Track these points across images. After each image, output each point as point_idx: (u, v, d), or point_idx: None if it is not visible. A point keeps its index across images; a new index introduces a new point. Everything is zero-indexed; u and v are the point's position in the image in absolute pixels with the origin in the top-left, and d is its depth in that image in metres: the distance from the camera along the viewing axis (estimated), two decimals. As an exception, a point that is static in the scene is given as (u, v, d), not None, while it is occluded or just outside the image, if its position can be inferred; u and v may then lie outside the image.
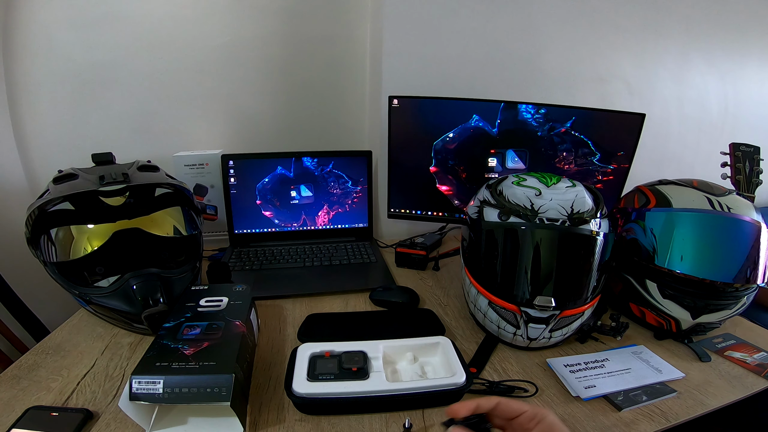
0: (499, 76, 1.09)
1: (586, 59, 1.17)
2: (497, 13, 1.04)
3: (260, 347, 0.66)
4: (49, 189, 0.67)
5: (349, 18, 1.09)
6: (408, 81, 1.02)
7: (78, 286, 0.65)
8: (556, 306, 0.61)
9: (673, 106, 1.33)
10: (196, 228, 0.76)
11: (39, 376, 0.58)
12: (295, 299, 0.81)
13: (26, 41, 0.93)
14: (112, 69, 0.99)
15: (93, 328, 0.70)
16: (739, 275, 0.64)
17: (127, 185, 0.67)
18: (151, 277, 0.64)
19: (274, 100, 1.12)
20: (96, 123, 1.02)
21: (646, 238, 0.70)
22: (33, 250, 0.66)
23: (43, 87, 0.97)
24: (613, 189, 0.97)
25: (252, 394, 0.55)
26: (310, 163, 1.04)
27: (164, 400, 0.45)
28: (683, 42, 1.27)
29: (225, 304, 0.62)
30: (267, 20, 1.05)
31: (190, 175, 1.01)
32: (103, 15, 0.95)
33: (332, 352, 0.57)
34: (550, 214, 0.62)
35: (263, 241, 1.05)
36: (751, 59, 1.39)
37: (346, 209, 1.08)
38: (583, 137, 0.94)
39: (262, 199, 1.03)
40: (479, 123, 0.95)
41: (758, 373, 0.63)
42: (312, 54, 1.10)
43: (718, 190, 0.69)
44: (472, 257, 0.71)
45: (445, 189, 1.01)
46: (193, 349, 0.50)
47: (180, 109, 1.07)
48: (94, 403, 0.53)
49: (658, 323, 0.70)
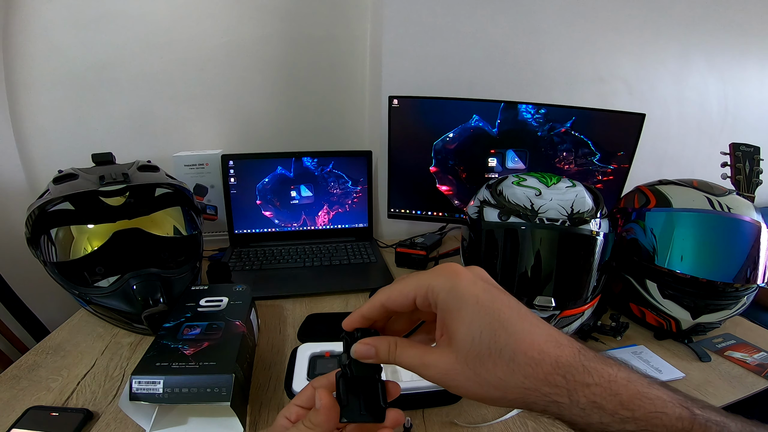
0: (499, 76, 1.09)
1: (586, 59, 1.17)
2: (497, 13, 1.04)
3: (260, 347, 0.66)
4: (49, 189, 0.67)
5: (349, 18, 1.09)
6: (408, 81, 1.02)
7: (78, 286, 0.65)
8: (556, 306, 0.61)
9: (673, 106, 1.33)
10: (196, 228, 0.76)
11: (39, 376, 0.58)
12: (295, 299, 0.81)
13: (26, 41, 0.93)
14: (112, 69, 0.99)
15: (93, 328, 0.70)
16: (739, 275, 0.64)
17: (127, 185, 0.67)
18: (151, 277, 0.64)
19: (274, 100, 1.12)
20: (96, 123, 1.02)
21: (646, 238, 0.70)
22: (33, 250, 0.66)
23: (43, 87, 0.97)
24: (613, 189, 0.97)
25: (252, 394, 0.55)
26: (310, 163, 1.04)
27: (164, 400, 0.45)
28: (683, 42, 1.27)
29: (225, 304, 0.62)
30: (267, 20, 1.05)
31: (190, 175, 1.01)
32: (103, 15, 0.95)
33: (332, 352, 0.57)
34: (550, 214, 0.62)
35: (263, 241, 1.05)
36: (751, 59, 1.39)
37: (346, 209, 1.08)
38: (583, 137, 0.94)
39: (262, 199, 1.03)
40: (479, 123, 0.95)
41: (758, 373, 0.63)
42: (312, 54, 1.10)
43: (718, 190, 0.69)
44: (472, 257, 0.71)
45: (445, 189, 1.01)
46: (193, 349, 0.50)
47: (180, 109, 1.07)
48: (94, 403, 0.53)
49: (658, 323, 0.70)
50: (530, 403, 0.25)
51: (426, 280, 0.27)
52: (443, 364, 0.26)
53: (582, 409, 0.24)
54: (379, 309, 0.29)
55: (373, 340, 0.29)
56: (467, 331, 0.25)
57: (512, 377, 0.24)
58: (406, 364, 0.28)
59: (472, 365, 0.25)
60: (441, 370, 0.26)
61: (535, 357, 0.24)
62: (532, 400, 0.24)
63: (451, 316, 0.26)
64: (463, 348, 0.25)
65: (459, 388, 0.26)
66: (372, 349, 0.28)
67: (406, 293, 0.28)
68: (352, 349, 0.29)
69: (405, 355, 0.28)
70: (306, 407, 0.30)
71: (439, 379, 0.27)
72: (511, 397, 0.25)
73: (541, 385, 0.24)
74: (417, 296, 0.28)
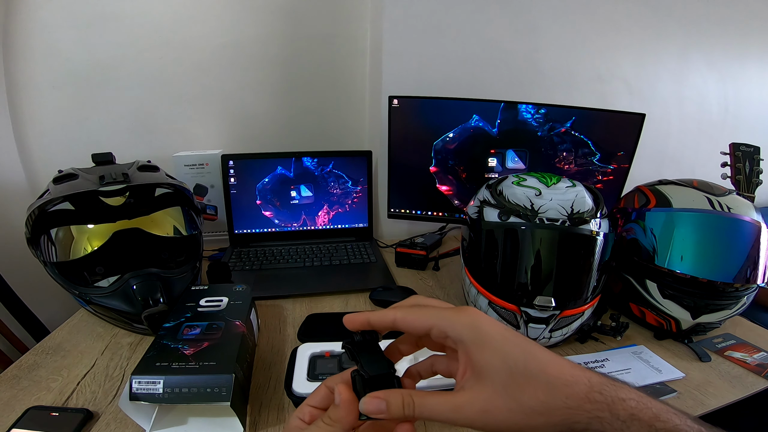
0: (499, 76, 1.09)
1: (586, 59, 1.17)
2: (497, 13, 1.04)
3: (260, 347, 0.66)
4: (49, 189, 0.67)
5: (349, 18, 1.09)
6: (408, 81, 1.02)
7: (78, 286, 0.65)
8: (556, 306, 0.61)
9: (673, 106, 1.33)
10: (196, 228, 0.76)
11: (39, 376, 0.58)
12: (295, 299, 0.81)
13: (26, 41, 0.93)
14: (112, 69, 0.99)
15: (93, 328, 0.70)
16: (739, 275, 0.64)
17: (127, 185, 0.67)
18: (151, 277, 0.64)
19: (274, 100, 1.12)
20: (96, 123, 1.02)
21: (646, 238, 0.70)
22: (33, 250, 0.66)
23: (43, 87, 0.97)
24: (613, 189, 0.97)
25: (252, 394, 0.55)
26: (310, 163, 1.04)
27: (164, 400, 0.45)
28: (683, 42, 1.27)
29: (225, 304, 0.62)
30: (267, 20, 1.05)
31: (190, 175, 1.01)
32: (103, 15, 0.95)
33: (332, 352, 0.57)
34: (550, 214, 0.62)
35: (263, 241, 1.05)
36: (751, 59, 1.39)
37: (346, 209, 1.08)
38: (583, 137, 0.94)
39: (262, 199, 1.03)
40: (479, 123, 0.95)
41: (758, 373, 0.63)
42: (312, 54, 1.10)
43: (718, 190, 0.69)
44: (472, 257, 0.71)
45: (445, 189, 1.01)
46: (193, 349, 0.50)
47: (180, 109, 1.07)
48: (94, 403, 0.53)
49: (658, 323, 0.70)
50: (573, 424, 0.25)
51: (448, 315, 0.28)
52: (480, 401, 0.26)
53: (623, 422, 0.24)
54: (388, 323, 0.30)
55: (385, 394, 0.27)
56: (503, 361, 0.26)
57: (555, 399, 0.25)
58: (433, 413, 0.26)
59: (513, 394, 0.25)
60: (479, 408, 0.25)
61: (569, 379, 0.25)
62: (576, 420, 0.25)
63: (481, 350, 0.26)
64: (501, 378, 0.25)
65: (501, 423, 0.25)
66: (383, 403, 0.26)
67: (423, 321, 0.28)
68: (361, 405, 0.27)
69: (428, 404, 0.26)
70: (320, 407, 0.30)
71: (477, 418, 0.25)
72: (555, 420, 0.25)
73: (583, 403, 0.25)
74: (434, 327, 0.28)
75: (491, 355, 0.26)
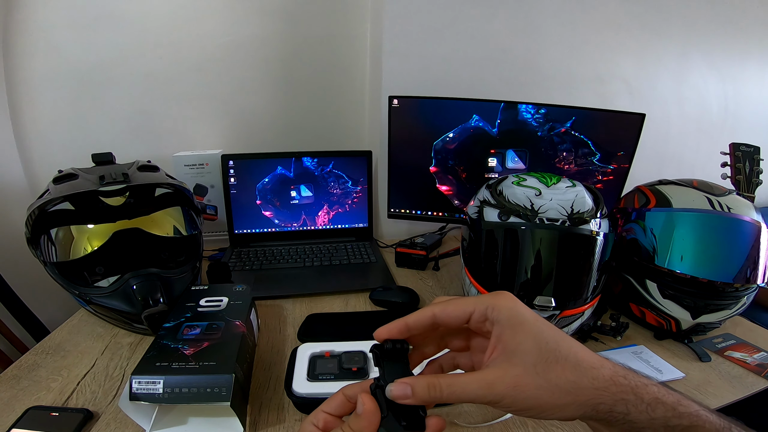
0: (499, 76, 1.09)
1: (586, 59, 1.17)
2: (497, 13, 1.04)
3: (260, 347, 0.66)
4: (49, 189, 0.67)
5: (349, 18, 1.09)
6: (408, 81, 1.02)
7: (78, 286, 0.65)
8: (556, 306, 0.61)
9: (673, 106, 1.33)
10: (196, 228, 0.76)
11: (39, 376, 0.58)
12: (295, 299, 0.81)
13: (26, 41, 0.93)
14: (112, 69, 0.99)
15: (93, 328, 0.70)
16: (739, 275, 0.64)
17: (127, 185, 0.67)
18: (151, 277, 0.64)
19: (274, 100, 1.12)
20: (96, 123, 1.02)
21: (646, 238, 0.70)
22: (33, 250, 0.66)
23: (42, 87, 0.97)
24: (613, 189, 0.97)
25: (252, 394, 0.55)
26: (310, 163, 1.04)
27: (164, 400, 0.45)
28: (683, 42, 1.27)
29: (225, 304, 0.62)
30: (267, 20, 1.05)
31: (190, 175, 1.01)
32: (103, 15, 0.95)
33: (332, 352, 0.57)
34: (550, 214, 0.62)
35: (263, 241, 1.05)
36: (751, 59, 1.39)
37: (346, 209, 1.08)
38: (583, 137, 0.94)
39: (262, 199, 1.03)
40: (479, 123, 0.95)
41: (758, 373, 0.63)
42: (312, 54, 1.10)
43: (718, 190, 0.69)
44: (472, 257, 0.71)
45: (445, 189, 1.01)
46: (193, 349, 0.50)
47: (180, 109, 1.07)
48: (94, 403, 0.53)
49: (658, 323, 0.70)
50: (599, 404, 0.26)
51: (487, 298, 0.29)
52: (510, 377, 0.26)
53: (647, 404, 0.26)
54: (428, 320, 0.30)
55: (410, 379, 0.27)
56: (535, 341, 0.27)
57: (582, 379, 0.26)
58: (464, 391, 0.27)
59: (543, 372, 0.26)
60: (509, 384, 0.26)
61: (596, 363, 0.27)
62: (601, 401, 0.26)
63: (515, 331, 0.28)
64: (531, 357, 0.27)
65: (530, 399, 0.26)
66: (408, 388, 0.27)
67: (465, 308, 0.29)
68: (388, 392, 0.27)
69: (458, 383, 0.27)
70: (335, 414, 0.29)
71: (507, 393, 0.26)
72: (582, 399, 0.26)
73: (609, 385, 0.26)
74: (475, 311, 0.29)
75: (525, 337, 0.27)
